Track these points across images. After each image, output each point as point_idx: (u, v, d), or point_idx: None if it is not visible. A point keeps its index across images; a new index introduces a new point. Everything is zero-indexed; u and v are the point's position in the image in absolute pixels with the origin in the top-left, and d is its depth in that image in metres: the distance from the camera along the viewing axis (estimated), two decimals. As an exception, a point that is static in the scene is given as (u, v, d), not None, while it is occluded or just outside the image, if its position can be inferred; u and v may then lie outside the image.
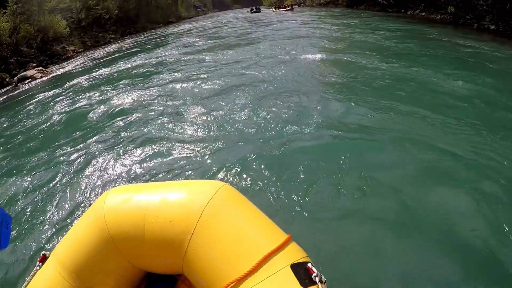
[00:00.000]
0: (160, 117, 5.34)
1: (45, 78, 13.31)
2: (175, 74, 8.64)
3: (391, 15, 21.03)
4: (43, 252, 1.47)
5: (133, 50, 18.13)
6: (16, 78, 13.44)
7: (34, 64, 17.37)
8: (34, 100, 8.99)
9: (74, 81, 10.61)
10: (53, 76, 13.42)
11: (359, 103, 4.90)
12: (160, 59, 11.86)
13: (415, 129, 3.97)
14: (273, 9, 48.08)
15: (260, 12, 46.48)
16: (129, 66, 11.60)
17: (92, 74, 11.46)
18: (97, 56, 18.63)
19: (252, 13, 46.55)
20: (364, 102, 4.97)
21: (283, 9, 43.18)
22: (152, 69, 10.26)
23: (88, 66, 15.03)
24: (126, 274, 1.40)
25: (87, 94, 7.98)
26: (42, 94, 9.74)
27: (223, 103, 5.46)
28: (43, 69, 14.51)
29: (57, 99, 8.38)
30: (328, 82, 6.19)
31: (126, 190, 1.48)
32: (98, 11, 25.73)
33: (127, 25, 32.33)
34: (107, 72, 11.19)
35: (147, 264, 1.39)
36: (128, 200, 1.39)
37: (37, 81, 12.98)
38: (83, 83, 10.06)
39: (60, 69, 15.23)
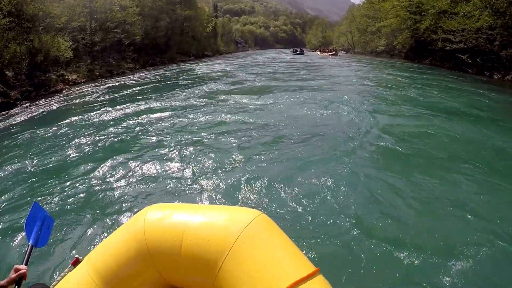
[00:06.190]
0: (203, 147, 5.29)
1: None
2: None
3: (470, 76, 16.88)
4: (76, 256, 1.57)
5: (147, 86, 14.40)
6: None
7: None
8: None
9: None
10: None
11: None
12: (190, 101, 10.16)
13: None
14: (319, 53, 44.71)
15: (303, 54, 42.35)
16: (139, 107, 9.54)
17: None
18: (94, 90, 13.68)
19: (295, 54, 42.54)
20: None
21: (328, 53, 40.18)
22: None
23: (66, 109, 9.92)
24: (156, 287, 1.46)
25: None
26: None
27: (265, 140, 5.45)
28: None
29: None
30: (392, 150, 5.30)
31: (167, 208, 1.56)
32: (117, 35, 21.22)
33: (152, 54, 27.97)
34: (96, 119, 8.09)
35: (179, 280, 1.45)
36: (168, 217, 1.47)
37: None
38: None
39: (14, 117, 9.92)
